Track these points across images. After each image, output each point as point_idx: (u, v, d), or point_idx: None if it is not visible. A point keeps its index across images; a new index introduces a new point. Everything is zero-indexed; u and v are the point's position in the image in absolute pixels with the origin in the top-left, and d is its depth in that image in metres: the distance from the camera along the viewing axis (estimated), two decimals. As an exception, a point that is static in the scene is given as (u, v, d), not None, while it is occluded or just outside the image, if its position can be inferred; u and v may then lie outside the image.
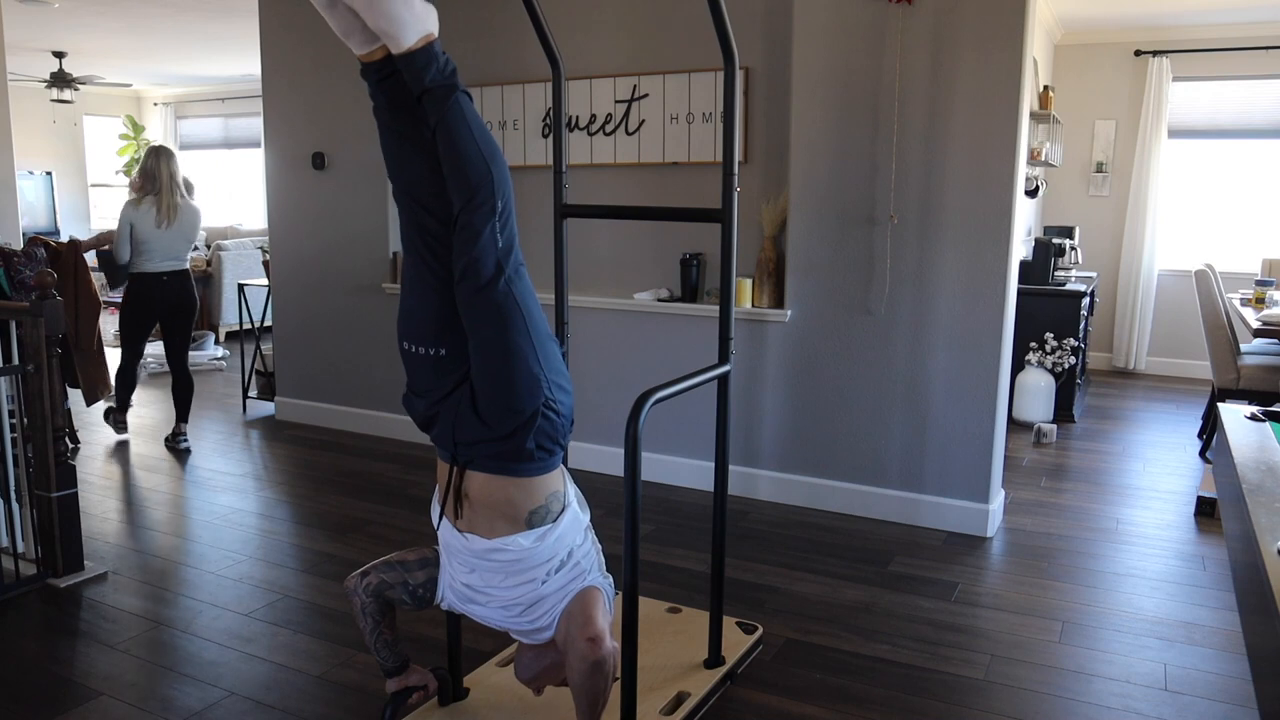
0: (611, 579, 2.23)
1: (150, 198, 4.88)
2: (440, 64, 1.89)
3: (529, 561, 2.05)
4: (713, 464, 2.71)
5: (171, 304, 5.03)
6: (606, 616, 2.11)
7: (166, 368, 7.11)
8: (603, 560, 2.23)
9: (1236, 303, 5.63)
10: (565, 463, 2.20)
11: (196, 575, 3.45)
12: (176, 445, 5.10)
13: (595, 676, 2.03)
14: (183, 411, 5.15)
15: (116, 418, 5.29)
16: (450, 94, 1.89)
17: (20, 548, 3.39)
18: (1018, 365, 5.39)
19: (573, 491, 2.15)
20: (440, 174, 1.95)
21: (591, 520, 2.23)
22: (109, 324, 8.61)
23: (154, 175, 4.88)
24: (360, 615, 2.19)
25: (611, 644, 2.05)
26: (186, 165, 11.90)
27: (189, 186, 5.21)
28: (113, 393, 5.18)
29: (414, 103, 1.93)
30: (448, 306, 1.99)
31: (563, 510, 2.09)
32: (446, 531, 2.13)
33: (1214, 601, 3.28)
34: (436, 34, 1.89)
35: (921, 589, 3.37)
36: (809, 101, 3.99)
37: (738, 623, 2.94)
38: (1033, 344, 5.58)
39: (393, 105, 1.98)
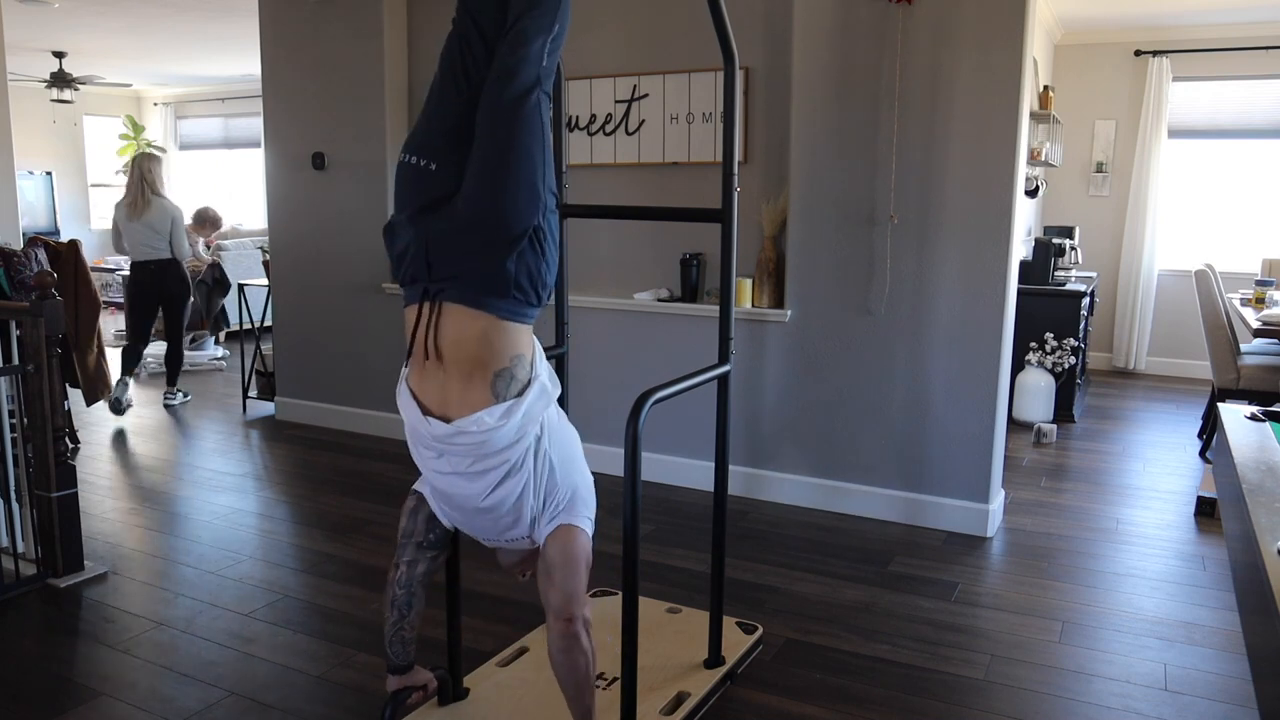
0: (593, 486, 2.16)
1: (126, 196, 5.76)
2: None
3: (495, 443, 1.96)
4: (713, 464, 2.71)
5: (159, 289, 5.84)
6: (586, 567, 2.07)
7: (165, 368, 7.15)
8: (581, 455, 2.16)
9: (1236, 303, 5.63)
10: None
11: (196, 575, 3.45)
12: (169, 402, 6.02)
13: (574, 652, 2.04)
14: (171, 376, 6.07)
15: (117, 392, 5.72)
16: None
17: (20, 548, 3.39)
18: (1018, 365, 5.39)
19: (543, 365, 2.07)
20: (504, 7, 1.94)
21: (562, 398, 2.16)
22: (109, 324, 8.62)
23: (130, 176, 5.79)
24: (389, 606, 2.18)
25: (585, 615, 2.05)
26: (186, 165, 11.95)
27: (151, 185, 5.80)
28: (113, 393, 5.19)
29: None
30: (460, 127, 1.95)
31: (529, 382, 2.00)
32: (411, 415, 2.05)
33: (1214, 601, 3.28)
34: None
35: (921, 589, 3.37)
36: (809, 101, 3.99)
37: (738, 623, 2.94)
38: (1033, 344, 5.58)
39: None
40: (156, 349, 7.38)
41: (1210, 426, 5.20)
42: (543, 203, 1.93)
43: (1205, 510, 4.14)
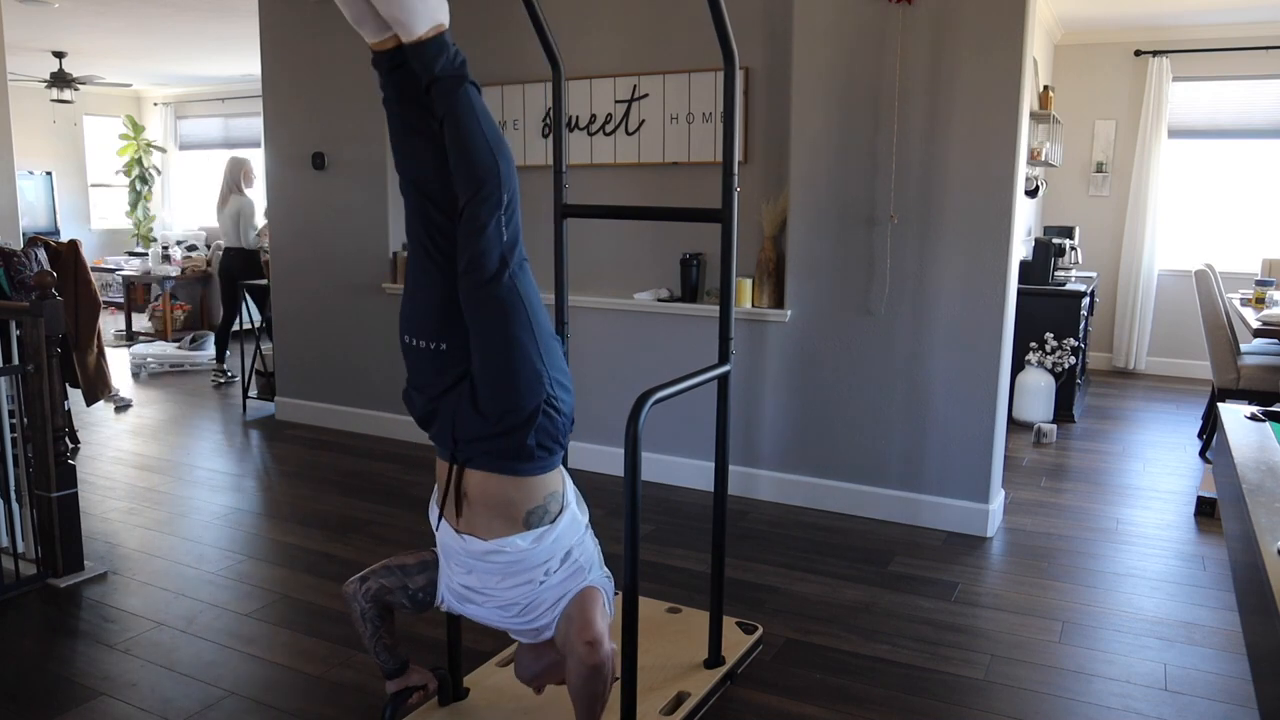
0: (612, 577, 2.23)
1: (220, 191, 6.95)
2: (450, 54, 1.89)
3: (527, 563, 2.05)
4: (713, 464, 2.70)
5: (229, 272, 6.82)
6: (606, 618, 2.10)
7: (167, 367, 7.15)
8: (602, 558, 2.23)
9: (1236, 303, 5.63)
10: (565, 463, 2.20)
11: (196, 575, 3.45)
12: (215, 381, 6.71)
13: (594, 680, 2.03)
14: (219, 354, 6.89)
15: (216, 370, 6.79)
16: (459, 84, 1.89)
17: (20, 548, 3.39)
18: (1018, 365, 5.39)
19: (572, 492, 2.14)
20: (447, 167, 1.94)
21: (591, 520, 2.23)
22: (109, 324, 8.62)
23: (223, 174, 7.01)
24: (360, 620, 2.19)
25: (610, 646, 2.04)
26: (186, 165, 11.94)
27: (234, 183, 6.99)
28: (113, 393, 5.18)
29: (423, 94, 1.93)
30: (450, 301, 1.98)
31: (561, 511, 2.08)
32: (444, 533, 2.12)
33: (1214, 601, 3.28)
34: (447, 25, 1.89)
35: (921, 589, 3.37)
36: (809, 101, 3.99)
37: (738, 623, 2.94)
38: (1033, 344, 5.58)
39: (402, 96, 1.98)
40: (157, 349, 7.39)
41: (1210, 426, 5.20)
42: (545, 377, 1.98)
43: (1205, 510, 4.14)
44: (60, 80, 8.88)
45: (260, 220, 6.96)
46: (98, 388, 4.95)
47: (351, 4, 1.91)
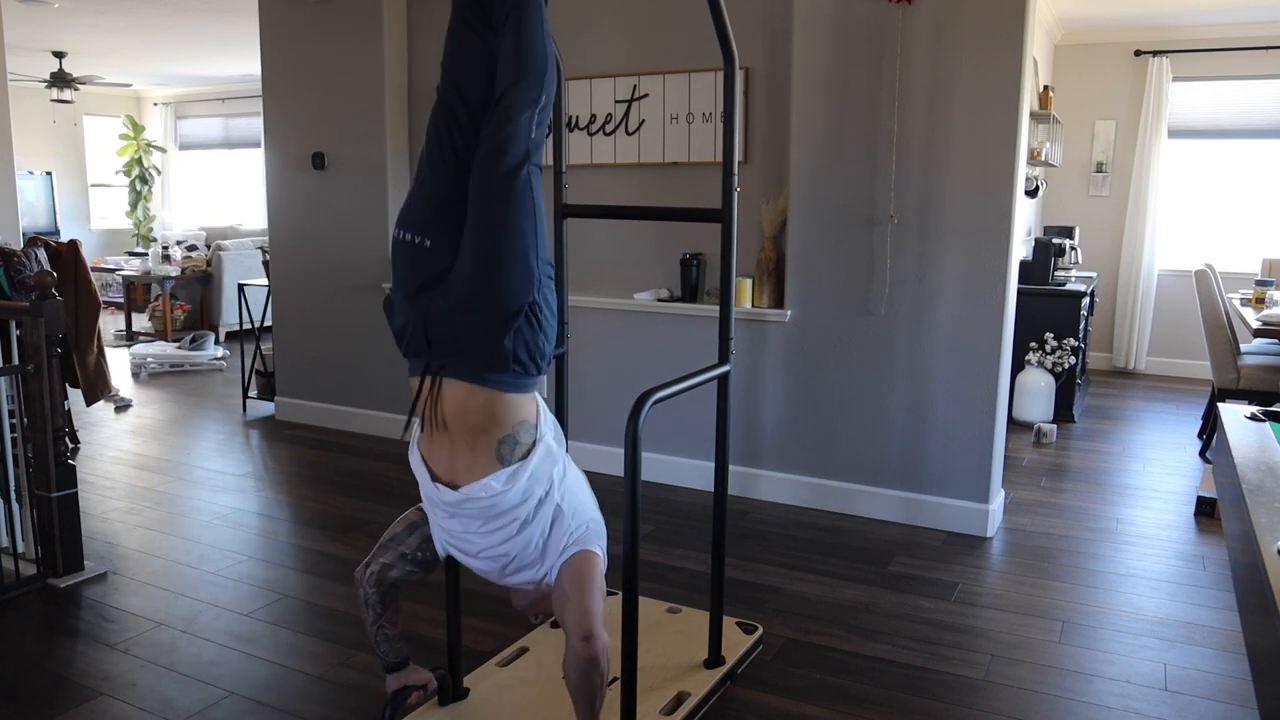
0: (604, 526, 2.19)
1: None
2: None
3: (502, 505, 2.01)
4: (713, 464, 2.71)
5: None
6: (601, 592, 2.08)
7: (167, 367, 7.15)
8: (592, 497, 2.20)
9: (1236, 303, 5.63)
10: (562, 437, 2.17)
11: (196, 575, 3.45)
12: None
13: (591, 672, 2.03)
14: None
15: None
16: None
17: (20, 548, 3.39)
18: (1018, 365, 5.39)
19: (549, 425, 2.10)
20: (489, 73, 1.97)
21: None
22: (109, 324, 8.63)
23: None
24: (363, 607, 2.19)
25: (604, 639, 2.04)
26: (186, 165, 11.94)
27: None
28: (113, 393, 5.17)
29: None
30: (451, 201, 1.97)
31: (534, 444, 2.04)
32: (423, 479, 2.10)
33: (1214, 601, 3.28)
34: None
35: (921, 589, 3.37)
36: (809, 101, 3.99)
37: (738, 623, 2.94)
38: (1033, 344, 5.58)
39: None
40: (157, 349, 7.39)
41: (1210, 426, 5.20)
42: (536, 279, 1.96)
43: (1205, 510, 4.14)
44: (60, 80, 8.88)
45: None
46: (98, 388, 4.96)
47: None
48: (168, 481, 4.54)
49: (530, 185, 1.96)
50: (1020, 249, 4.40)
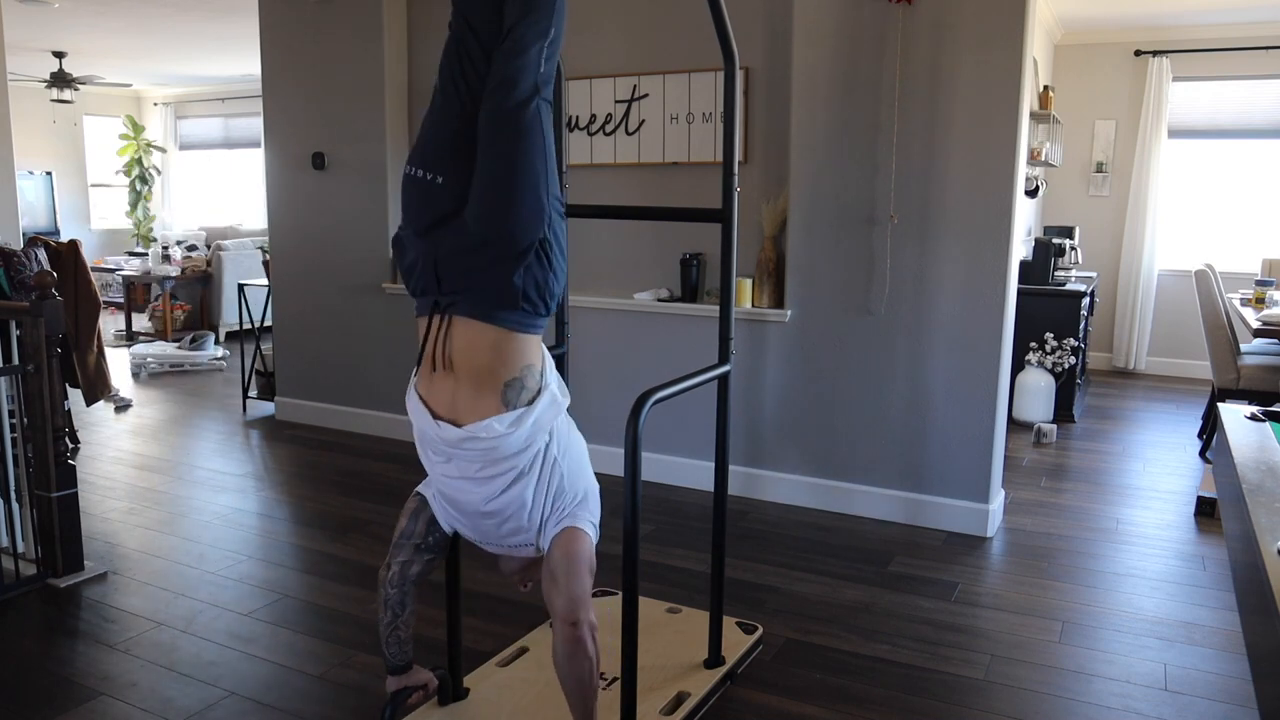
0: (598, 490, 2.18)
1: None
2: None
3: (504, 449, 1.98)
4: (713, 464, 2.71)
5: None
6: (590, 572, 2.07)
7: (167, 367, 7.15)
8: (587, 461, 2.18)
9: (1236, 303, 5.63)
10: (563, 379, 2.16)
11: (196, 575, 3.45)
12: None
13: (578, 656, 2.03)
14: None
15: None
16: None
17: (20, 548, 3.39)
18: (1018, 365, 5.39)
19: (553, 375, 2.09)
20: (499, 8, 1.94)
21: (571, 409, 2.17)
22: (109, 324, 8.63)
23: None
24: (382, 608, 2.18)
25: (591, 620, 2.03)
26: (186, 165, 11.94)
27: None
28: (113, 393, 5.17)
29: None
30: (461, 135, 1.95)
31: (540, 391, 2.02)
32: (422, 420, 2.05)
33: (1214, 601, 3.28)
34: None
35: (921, 589, 3.37)
36: (809, 101, 3.99)
37: (738, 623, 2.94)
38: (1033, 344, 5.58)
39: None
40: (157, 349, 7.39)
41: (1210, 426, 5.20)
42: (547, 214, 1.94)
43: (1205, 510, 4.14)
44: (60, 80, 8.88)
45: None
46: (98, 388, 4.95)
47: None
48: (168, 481, 4.54)
49: (540, 119, 1.93)
50: (1020, 249, 4.40)
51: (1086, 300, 5.93)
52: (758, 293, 4.21)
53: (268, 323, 5.84)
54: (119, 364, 7.01)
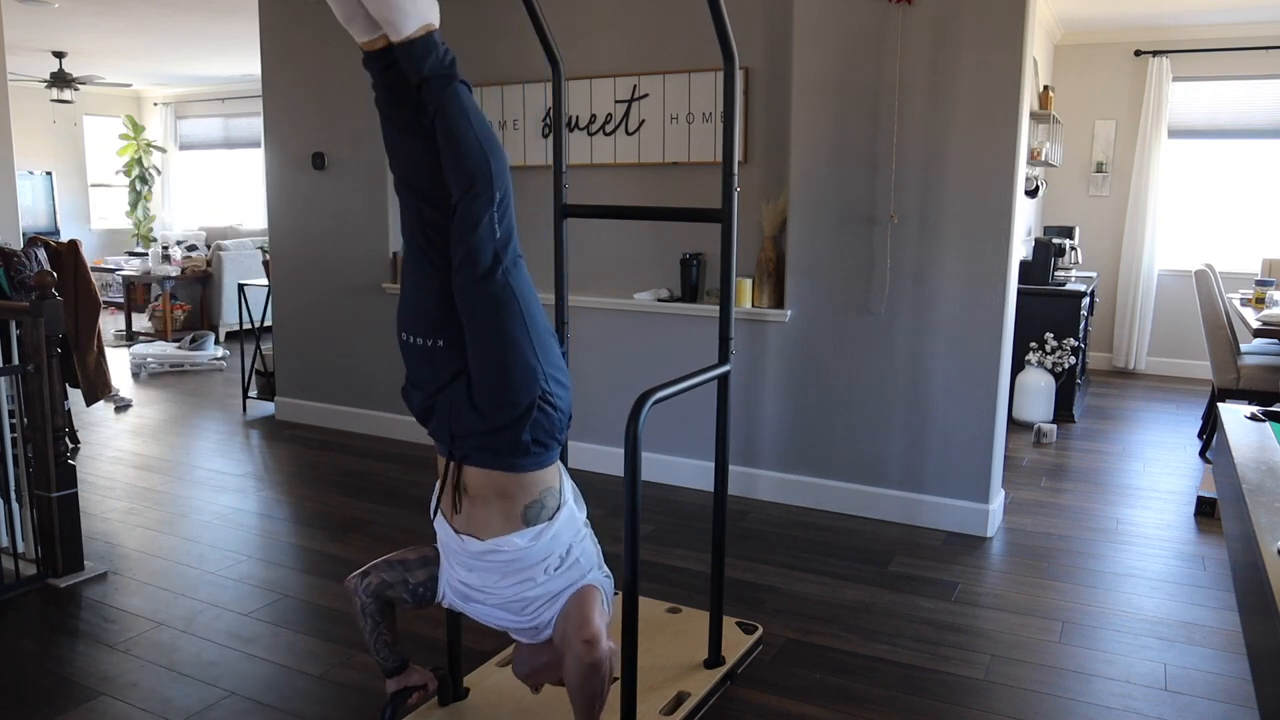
0: (611, 578, 2.23)
1: None
2: (439, 54, 1.90)
3: (525, 561, 2.06)
4: (713, 464, 2.70)
5: None
6: (604, 616, 2.11)
7: (167, 367, 7.15)
8: (602, 558, 2.23)
9: (1236, 303, 5.62)
10: (565, 461, 2.20)
11: (196, 575, 3.45)
12: None
13: (592, 678, 2.02)
14: None
15: None
16: (449, 84, 1.90)
17: (20, 548, 3.39)
18: (1018, 365, 5.39)
19: (569, 488, 2.15)
20: (439, 166, 1.95)
21: (591, 520, 2.23)
22: (109, 324, 8.63)
23: None
24: (360, 615, 2.19)
25: (608, 645, 2.04)
26: (186, 165, 11.94)
27: None
28: (113, 393, 5.17)
29: (414, 94, 1.93)
30: (446, 298, 1.99)
31: (559, 508, 2.08)
32: (444, 532, 2.13)
33: (1214, 601, 3.28)
34: (437, 24, 1.90)
35: (921, 589, 3.37)
36: (809, 101, 3.99)
37: (738, 623, 2.94)
38: (1033, 344, 5.58)
39: (393, 96, 1.98)
40: (157, 349, 7.39)
41: (1210, 426, 5.20)
42: (539, 373, 1.98)
43: (1205, 510, 4.14)
44: (60, 80, 8.88)
45: None
46: (98, 388, 4.95)
47: (342, 2, 1.92)
48: (168, 481, 4.54)
49: (510, 285, 1.95)
50: (1020, 249, 4.40)
51: (1086, 300, 5.93)
52: (758, 293, 4.21)
53: (268, 323, 5.84)
54: (119, 364, 7.01)
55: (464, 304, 1.97)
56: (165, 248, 9.14)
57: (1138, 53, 7.08)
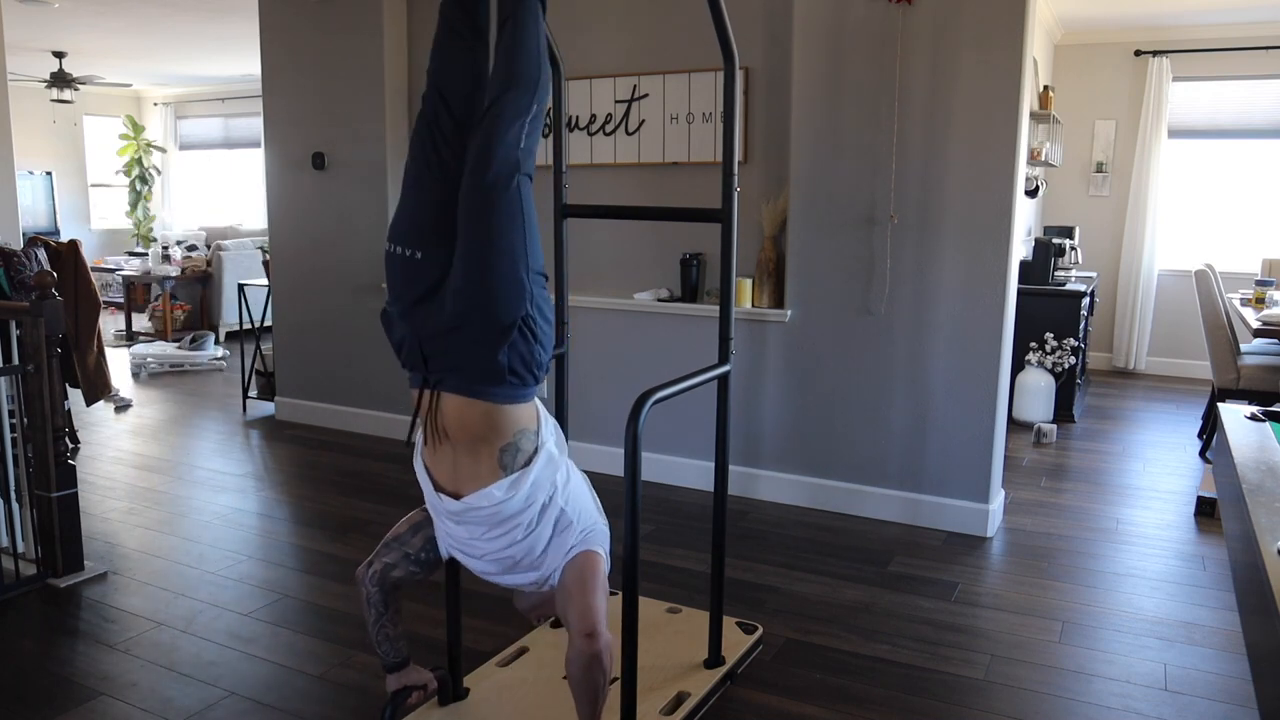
0: (607, 522, 2.22)
1: None
2: None
3: (505, 512, 2.03)
4: (713, 464, 2.71)
5: None
6: (604, 591, 2.10)
7: (167, 367, 7.15)
8: (596, 500, 2.22)
9: (1236, 303, 5.63)
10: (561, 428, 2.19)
11: (196, 575, 3.45)
12: None
13: (593, 670, 2.03)
14: None
15: None
16: None
17: (20, 548, 3.39)
18: (1018, 365, 5.39)
19: (549, 429, 2.11)
20: (476, 81, 1.99)
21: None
22: (109, 324, 8.62)
23: None
24: (365, 605, 2.19)
25: (607, 636, 2.04)
26: (186, 165, 11.94)
27: None
28: (113, 393, 5.16)
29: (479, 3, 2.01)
30: (439, 211, 1.97)
31: (535, 452, 2.04)
32: (427, 489, 2.12)
33: (1214, 601, 3.28)
34: None
35: (921, 589, 3.37)
36: (809, 101, 3.99)
37: (738, 623, 2.94)
38: (1033, 344, 5.58)
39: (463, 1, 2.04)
40: (157, 349, 7.39)
41: (1210, 426, 5.20)
42: (528, 292, 1.94)
43: (1205, 510, 4.14)
44: (60, 80, 8.88)
45: None
46: (98, 388, 4.95)
47: None
48: (168, 481, 4.54)
49: (520, 196, 1.93)
50: (1020, 249, 4.40)
51: (1086, 300, 5.93)
52: (758, 293, 4.21)
53: (268, 323, 5.84)
54: (119, 364, 7.01)
55: (469, 206, 1.92)
56: (165, 248, 9.14)
57: (1138, 53, 7.08)
